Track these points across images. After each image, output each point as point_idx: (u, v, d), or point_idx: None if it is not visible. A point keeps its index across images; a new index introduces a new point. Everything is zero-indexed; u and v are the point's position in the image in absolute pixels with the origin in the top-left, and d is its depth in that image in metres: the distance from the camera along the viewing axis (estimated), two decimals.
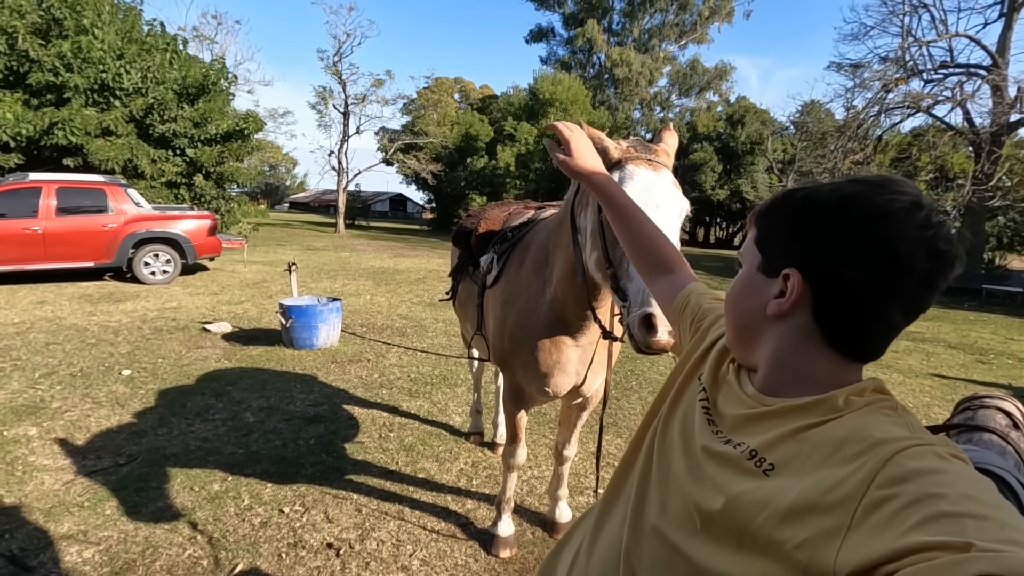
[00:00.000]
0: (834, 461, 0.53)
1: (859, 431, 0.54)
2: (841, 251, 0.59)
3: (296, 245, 17.65)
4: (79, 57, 10.93)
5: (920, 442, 0.50)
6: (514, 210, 2.64)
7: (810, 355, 0.63)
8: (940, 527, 0.41)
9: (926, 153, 18.33)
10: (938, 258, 0.57)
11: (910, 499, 0.45)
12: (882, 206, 0.58)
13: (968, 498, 0.43)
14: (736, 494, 0.59)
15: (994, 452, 0.75)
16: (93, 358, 4.85)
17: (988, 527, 0.40)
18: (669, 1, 34.20)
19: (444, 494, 2.93)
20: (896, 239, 0.56)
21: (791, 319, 0.63)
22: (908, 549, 0.41)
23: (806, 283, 0.61)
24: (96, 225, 8.38)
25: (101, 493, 2.73)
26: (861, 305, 0.59)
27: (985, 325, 10.11)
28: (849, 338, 0.62)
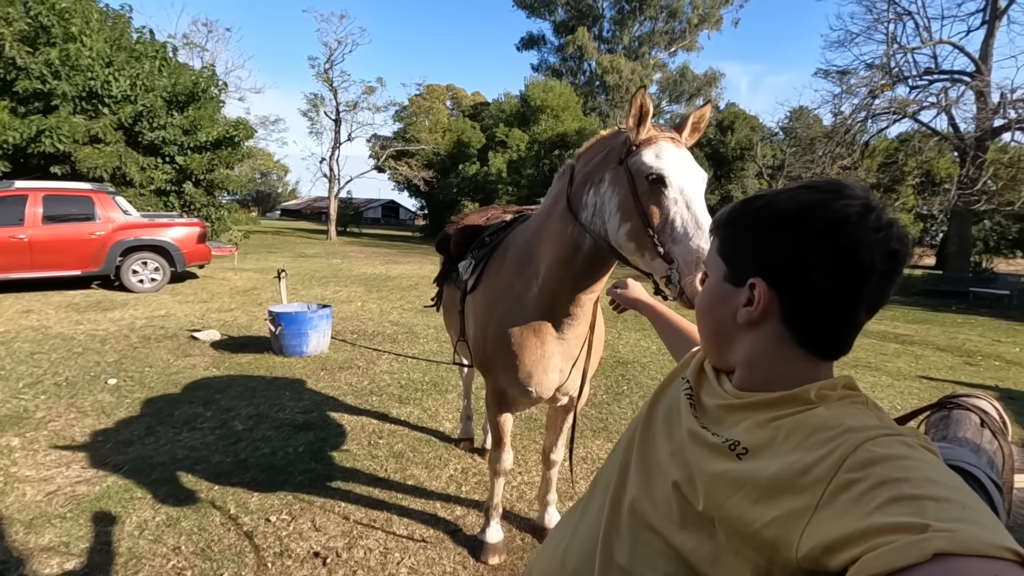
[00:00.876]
0: (808, 445, 0.54)
1: (832, 419, 0.56)
2: (805, 259, 0.61)
3: (287, 252, 17.57)
4: (67, 64, 10.86)
5: (890, 432, 0.52)
6: (492, 215, 2.64)
7: (783, 357, 0.66)
8: (901, 508, 0.43)
9: (912, 158, 18.56)
10: (893, 258, 0.60)
11: (875, 482, 0.46)
12: (839, 212, 0.60)
13: (930, 482, 0.45)
14: (712, 475, 0.61)
15: (967, 450, 0.76)
16: (79, 367, 4.79)
17: (948, 508, 0.42)
18: (658, 9, 34.54)
19: (433, 501, 2.91)
20: (856, 244, 0.59)
21: (762, 325, 0.66)
22: (869, 530, 0.42)
23: (772, 291, 0.64)
24: (83, 233, 8.31)
25: (84, 504, 2.69)
26: (828, 308, 0.62)
27: (973, 327, 10.22)
28: (819, 339, 0.65)
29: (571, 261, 1.84)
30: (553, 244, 1.89)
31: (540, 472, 3.11)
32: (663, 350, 6.59)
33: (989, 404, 0.96)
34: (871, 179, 18.49)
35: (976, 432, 0.84)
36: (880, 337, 8.48)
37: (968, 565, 0.38)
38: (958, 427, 0.86)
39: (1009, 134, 16.07)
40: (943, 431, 0.87)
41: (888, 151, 20.61)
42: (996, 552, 0.38)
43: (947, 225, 19.92)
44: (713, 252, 0.74)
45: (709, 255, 0.75)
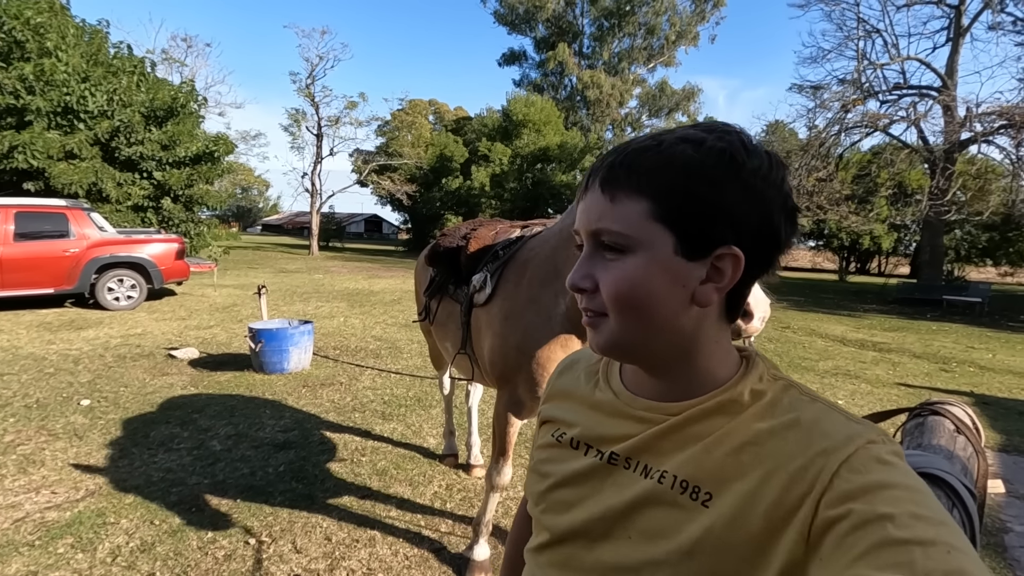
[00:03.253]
0: (778, 477, 0.49)
1: (795, 441, 0.51)
2: (773, 216, 0.54)
3: (268, 268, 17.36)
4: (42, 80, 10.70)
5: (860, 445, 0.48)
6: (500, 228, 2.65)
7: (715, 335, 0.57)
8: (888, 557, 0.40)
9: (885, 170, 19.07)
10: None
11: (858, 521, 0.43)
12: (783, 162, 0.55)
13: (915, 518, 0.42)
14: (688, 542, 0.52)
15: (941, 457, 0.77)
16: (51, 388, 4.66)
17: (935, 555, 0.40)
18: (637, 26, 35.23)
19: (418, 518, 2.86)
20: (790, 196, 0.55)
21: (712, 302, 0.56)
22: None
23: (740, 257, 0.54)
24: (57, 250, 8.12)
25: (55, 531, 2.59)
26: (767, 268, 0.56)
27: (947, 334, 10.45)
28: (739, 305, 0.58)
29: None
30: None
31: None
32: None
33: (963, 411, 0.98)
34: (846, 190, 18.90)
35: (950, 439, 0.86)
36: (858, 345, 8.63)
37: None
38: (932, 434, 0.87)
39: (976, 146, 16.62)
40: (918, 438, 0.88)
41: (862, 163, 21.15)
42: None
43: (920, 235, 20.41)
44: (641, 219, 0.54)
45: (620, 223, 0.54)
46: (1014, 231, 23.46)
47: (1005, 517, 3.15)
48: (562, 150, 28.60)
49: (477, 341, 2.38)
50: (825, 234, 31.02)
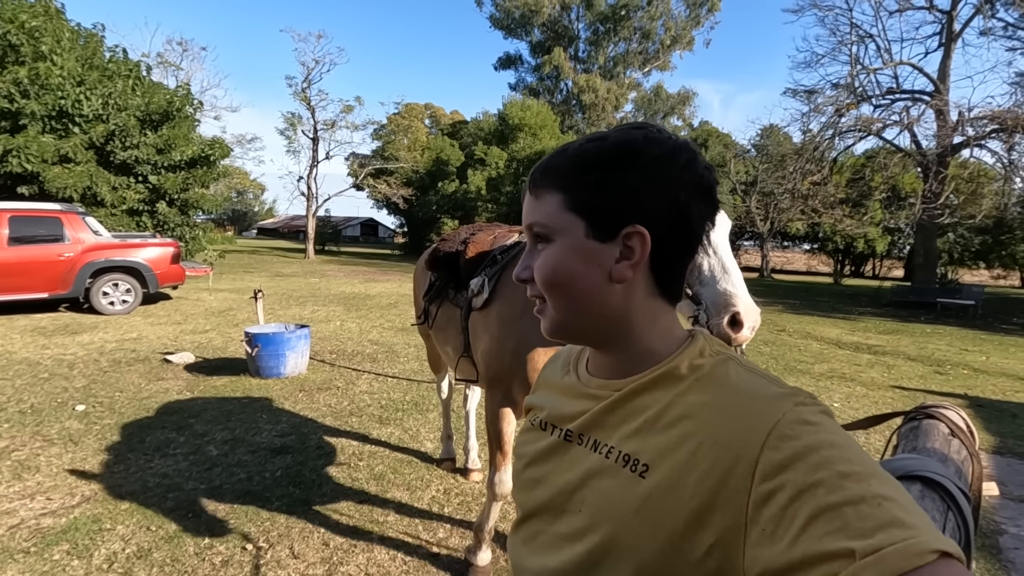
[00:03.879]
0: (713, 447, 0.51)
1: (725, 409, 0.53)
2: (680, 196, 0.59)
3: (264, 272, 17.32)
4: (36, 84, 10.67)
5: (786, 410, 0.50)
6: (499, 233, 2.67)
7: (652, 312, 0.62)
8: (825, 526, 0.42)
9: (879, 174, 19.21)
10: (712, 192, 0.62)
11: (793, 493, 0.44)
12: (685, 147, 0.60)
13: (844, 478, 0.44)
14: (629, 513, 0.54)
15: (936, 460, 0.78)
16: (45, 393, 4.63)
17: (866, 511, 0.41)
18: (632, 30, 35.39)
19: (415, 523, 2.86)
20: (705, 175, 0.60)
21: (633, 281, 0.60)
22: (804, 561, 0.42)
23: (646, 236, 0.59)
24: (51, 255, 8.08)
25: (50, 537, 2.58)
26: (690, 246, 0.62)
27: (941, 337, 10.51)
28: (676, 282, 0.63)
29: None
30: None
31: None
32: None
33: (957, 414, 0.99)
34: (840, 194, 19.05)
35: (944, 442, 0.87)
36: (853, 348, 8.67)
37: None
38: (927, 437, 0.88)
39: (968, 150, 16.78)
40: (913, 441, 0.89)
41: (855, 167, 21.30)
42: (923, 560, 0.39)
43: (913, 238, 20.49)
44: (557, 211, 0.61)
45: (551, 215, 0.61)
46: (1006, 234, 23.68)
47: (1000, 519, 3.17)
48: None
49: (474, 344, 2.40)
50: (820, 237, 31.25)
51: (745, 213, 27.26)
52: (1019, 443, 4.50)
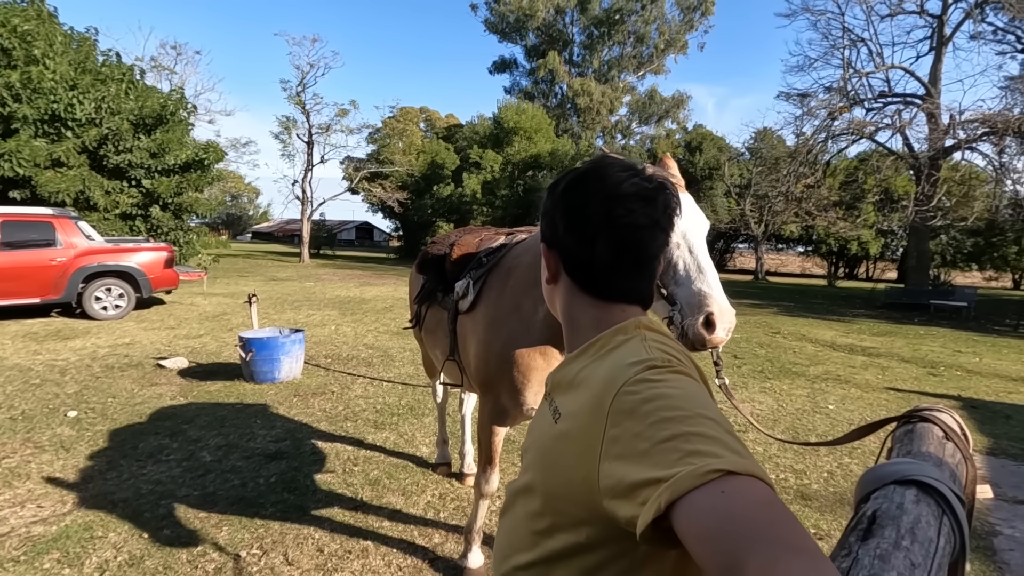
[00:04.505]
0: (589, 399, 0.65)
1: (606, 369, 0.66)
2: (553, 219, 0.78)
3: (259, 276, 17.25)
4: (29, 88, 10.60)
5: (640, 370, 0.62)
6: (485, 236, 2.66)
7: (577, 304, 0.79)
8: (645, 461, 0.53)
9: (872, 176, 19.34)
10: (611, 213, 0.73)
11: (629, 435, 0.56)
12: (569, 176, 0.78)
13: (665, 421, 0.54)
14: (543, 442, 0.72)
15: (931, 464, 0.78)
16: (37, 399, 4.59)
17: (676, 447, 0.52)
18: (626, 34, 35.56)
19: (411, 528, 2.84)
20: (577, 201, 0.75)
21: (559, 282, 0.81)
22: (629, 488, 0.54)
23: (552, 251, 0.79)
24: (43, 259, 8.03)
25: (40, 545, 2.55)
26: (580, 258, 0.76)
27: (935, 339, 10.56)
28: (592, 284, 0.77)
29: None
30: None
31: None
32: None
33: (951, 417, 1.00)
34: (834, 196, 19.16)
35: (939, 446, 0.87)
36: (848, 350, 8.70)
37: (691, 501, 0.47)
38: (922, 441, 0.88)
39: (959, 153, 16.91)
40: (908, 445, 0.89)
41: (848, 170, 21.41)
42: (708, 478, 0.47)
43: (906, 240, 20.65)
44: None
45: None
46: (998, 236, 23.83)
47: (994, 520, 3.18)
48: (553, 157, 28.72)
49: (463, 348, 2.38)
50: (814, 240, 31.38)
51: (739, 216, 27.38)
52: (1013, 444, 4.52)
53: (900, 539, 0.60)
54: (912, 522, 0.64)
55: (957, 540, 0.68)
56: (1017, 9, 15.16)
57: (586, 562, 0.63)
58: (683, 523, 0.48)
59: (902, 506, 0.67)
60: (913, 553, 0.59)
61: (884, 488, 0.72)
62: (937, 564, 0.61)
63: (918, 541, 0.61)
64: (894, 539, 0.60)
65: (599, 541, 0.62)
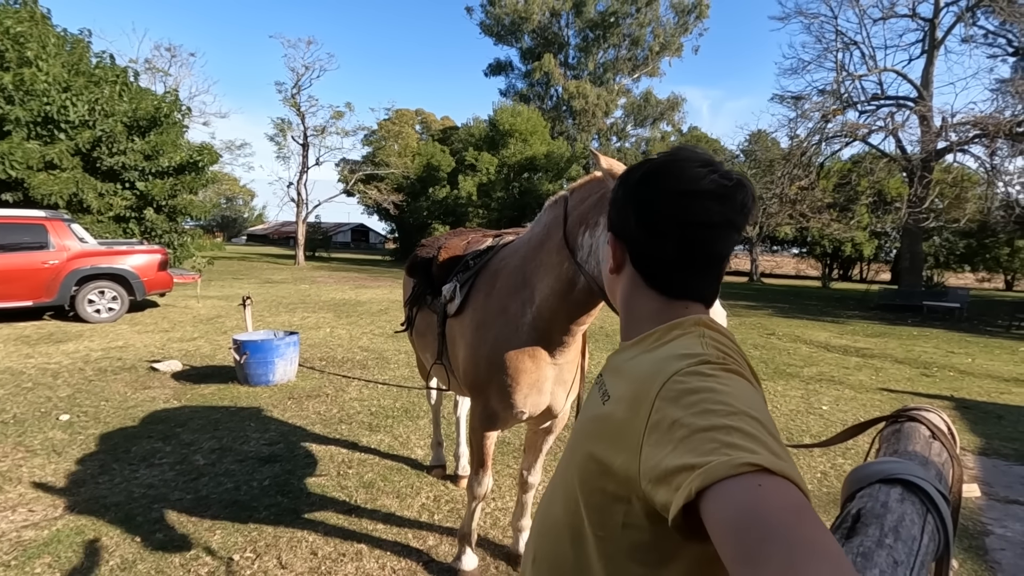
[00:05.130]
0: (638, 385, 0.66)
1: (658, 358, 0.67)
2: (626, 212, 0.77)
3: (254, 278, 17.20)
4: (21, 89, 10.54)
5: (692, 363, 0.62)
6: (472, 238, 2.65)
7: (639, 297, 0.79)
8: (683, 447, 0.53)
9: (865, 178, 19.44)
10: (689, 211, 0.72)
11: (669, 422, 0.57)
12: (643, 169, 0.77)
13: (708, 412, 0.55)
14: (587, 419, 0.77)
15: (916, 463, 0.78)
16: (28, 403, 4.56)
17: (715, 438, 0.52)
18: (621, 37, 35.66)
19: (405, 531, 2.84)
20: (652, 197, 0.74)
21: (623, 272, 0.81)
22: (665, 472, 0.54)
23: (619, 242, 0.80)
24: (35, 262, 7.97)
25: (32, 550, 2.53)
26: (653, 253, 0.76)
27: (928, 340, 10.62)
28: (659, 280, 0.77)
29: (567, 295, 1.89)
30: (549, 276, 1.93)
31: (514, 497, 3.08)
32: None
33: (938, 416, 1.00)
34: (828, 198, 19.24)
35: (925, 445, 0.87)
36: (842, 351, 8.74)
37: (720, 493, 0.48)
38: (908, 440, 0.89)
39: (952, 155, 17.01)
40: (894, 444, 0.90)
41: (842, 172, 21.52)
42: (737, 471, 0.48)
43: (900, 242, 20.73)
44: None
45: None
46: (990, 238, 24.01)
47: (986, 520, 3.20)
48: (549, 159, 28.76)
49: (452, 351, 2.37)
50: (808, 241, 31.54)
51: None
52: (1004, 444, 4.55)
53: (883, 537, 0.61)
54: (896, 520, 0.64)
55: (941, 538, 0.68)
56: (1008, 13, 15.30)
57: (620, 543, 0.65)
58: (711, 511, 0.48)
59: (886, 504, 0.67)
60: (896, 551, 0.60)
61: (870, 487, 0.73)
62: (920, 562, 0.61)
63: (901, 539, 0.62)
64: (877, 537, 0.61)
65: (634, 523, 0.63)
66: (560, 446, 4.01)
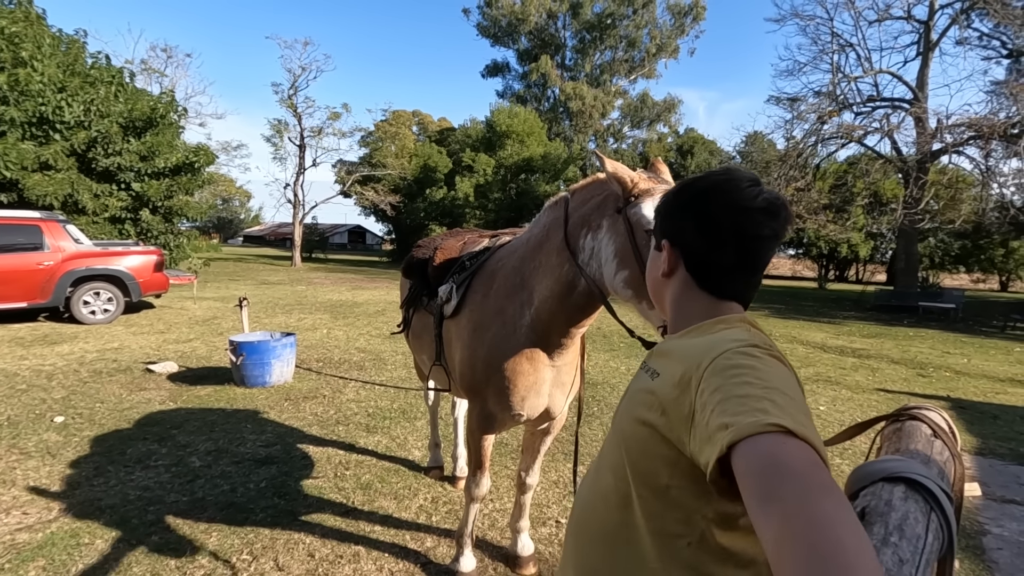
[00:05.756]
0: (687, 361, 0.72)
1: (706, 341, 0.75)
2: (682, 223, 0.87)
3: (250, 280, 17.14)
4: (16, 90, 10.49)
5: (740, 345, 0.69)
6: (469, 239, 2.64)
7: (691, 298, 0.87)
8: (721, 409, 0.60)
9: (861, 180, 19.51)
10: (743, 225, 0.81)
11: (712, 390, 0.64)
12: (699, 186, 0.87)
13: (746, 383, 0.62)
14: (635, 390, 0.84)
15: (918, 461, 0.78)
16: (22, 405, 4.52)
17: (748, 404, 0.59)
18: (618, 39, 35.75)
19: (403, 533, 2.82)
20: (711, 210, 0.83)
21: (675, 276, 0.89)
22: (707, 430, 0.61)
23: (675, 249, 0.88)
24: (30, 263, 7.93)
25: (25, 553, 2.51)
26: (706, 259, 0.85)
27: (924, 340, 10.66)
28: (711, 282, 0.85)
29: (567, 297, 1.88)
30: (548, 278, 1.92)
31: (512, 498, 3.07)
32: (632, 370, 6.65)
33: (939, 415, 1.00)
34: (824, 200, 19.30)
35: (927, 443, 0.87)
36: (838, 352, 8.76)
37: (748, 446, 0.55)
38: (910, 439, 0.89)
39: (947, 157, 17.10)
40: (896, 443, 0.89)
41: (838, 173, 21.60)
42: (764, 429, 0.55)
43: (895, 243, 20.81)
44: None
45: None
46: (985, 239, 24.11)
47: (983, 520, 3.21)
48: (546, 160, 28.78)
49: (449, 353, 2.36)
50: (804, 242, 31.59)
51: None
52: (1000, 444, 4.56)
53: (888, 535, 0.61)
54: (900, 518, 0.64)
55: (945, 536, 0.68)
56: (1002, 15, 15.39)
57: (664, 500, 0.73)
58: (739, 463, 0.55)
59: (890, 503, 0.67)
60: (901, 549, 0.59)
61: (873, 485, 0.73)
62: (925, 560, 0.61)
63: (906, 537, 0.61)
64: (883, 535, 0.61)
65: (676, 484, 0.71)
66: (558, 447, 4.00)
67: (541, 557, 2.65)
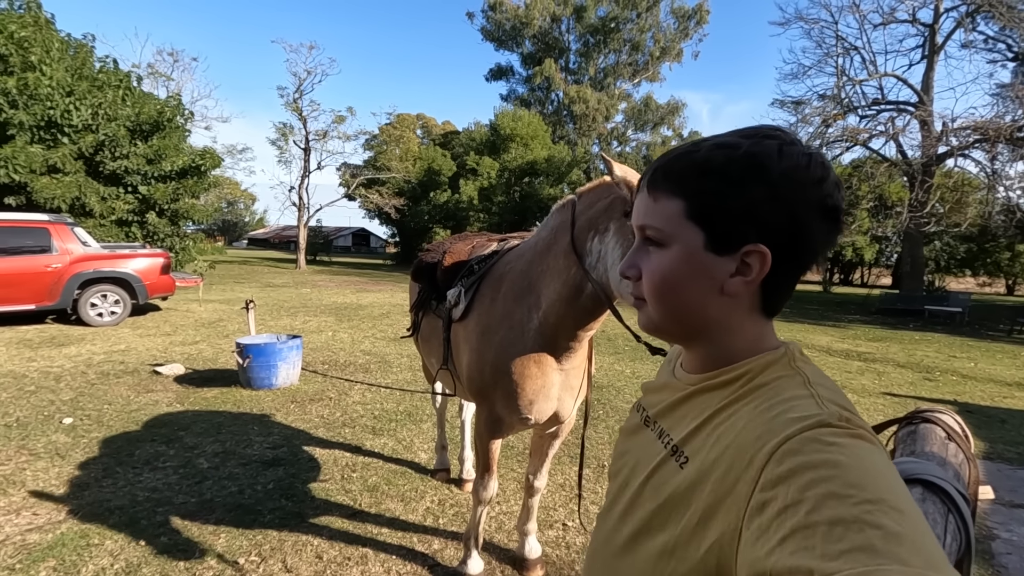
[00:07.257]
0: (732, 453, 0.53)
1: (761, 420, 0.53)
2: (803, 217, 0.57)
3: (255, 282, 17.20)
4: (25, 94, 10.58)
5: (807, 426, 0.49)
6: (477, 243, 2.65)
7: (751, 323, 0.63)
8: (796, 543, 0.41)
9: (866, 183, 19.46)
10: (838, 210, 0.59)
11: (782, 505, 0.44)
12: (817, 166, 0.58)
13: (833, 497, 0.42)
14: (663, 498, 0.59)
15: (935, 463, 0.78)
16: (31, 407, 4.55)
17: (842, 535, 0.40)
18: (622, 42, 35.80)
19: (410, 535, 2.83)
20: (832, 197, 0.58)
21: (741, 294, 0.61)
22: (771, 573, 0.42)
23: (767, 255, 0.58)
24: (38, 266, 7.98)
25: (36, 554, 2.52)
26: (804, 267, 0.61)
27: (929, 344, 10.61)
28: (780, 300, 0.63)
29: (574, 300, 1.88)
30: (556, 281, 1.92)
31: (519, 501, 3.07)
32: (637, 373, 6.64)
33: (952, 418, 1.00)
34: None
35: (942, 446, 0.87)
36: (844, 355, 8.73)
37: None
38: (925, 441, 0.89)
39: (952, 160, 17.06)
40: (911, 445, 0.90)
41: (843, 176, 21.55)
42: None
43: (900, 246, 20.75)
44: (676, 218, 0.60)
45: (659, 220, 0.62)
46: (991, 242, 24.03)
47: (991, 524, 3.19)
48: (549, 164, 28.83)
49: (457, 356, 2.36)
50: None
51: None
52: (1008, 448, 4.54)
53: None
54: None
55: (963, 539, 0.68)
56: (1008, 18, 15.35)
57: None
58: None
59: None
60: None
61: None
62: None
63: None
64: None
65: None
66: (564, 451, 4.00)
67: (548, 560, 2.66)
